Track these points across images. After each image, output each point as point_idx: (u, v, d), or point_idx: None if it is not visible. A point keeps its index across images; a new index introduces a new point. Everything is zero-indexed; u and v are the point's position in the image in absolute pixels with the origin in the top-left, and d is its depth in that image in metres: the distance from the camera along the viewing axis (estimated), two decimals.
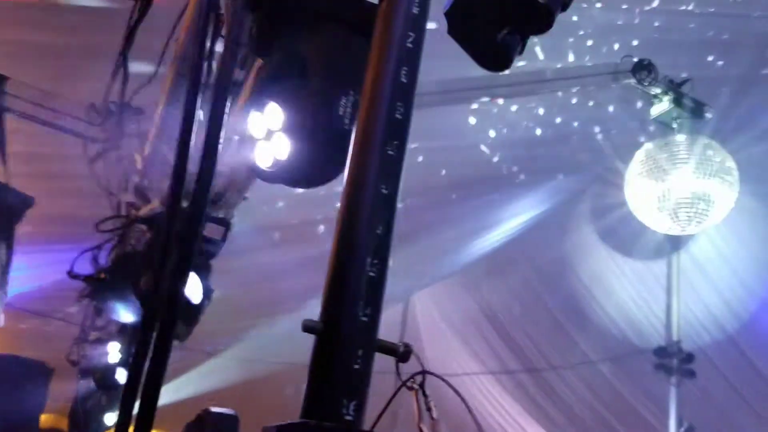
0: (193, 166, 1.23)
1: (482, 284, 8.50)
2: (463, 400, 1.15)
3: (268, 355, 7.83)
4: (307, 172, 1.32)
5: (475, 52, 1.45)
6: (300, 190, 4.34)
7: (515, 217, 6.88)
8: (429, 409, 0.93)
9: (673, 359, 5.69)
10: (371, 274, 0.79)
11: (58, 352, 4.51)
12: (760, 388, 6.72)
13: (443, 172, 4.76)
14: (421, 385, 0.93)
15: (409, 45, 0.89)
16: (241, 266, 5.50)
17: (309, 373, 0.73)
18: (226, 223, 2.54)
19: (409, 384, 0.93)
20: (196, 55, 1.19)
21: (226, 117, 1.13)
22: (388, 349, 0.88)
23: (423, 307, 9.54)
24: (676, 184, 3.71)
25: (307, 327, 0.75)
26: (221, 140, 1.13)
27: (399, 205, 3.90)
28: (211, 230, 2.40)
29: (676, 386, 5.61)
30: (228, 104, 2.38)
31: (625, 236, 6.87)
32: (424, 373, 0.92)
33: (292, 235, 4.95)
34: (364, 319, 0.77)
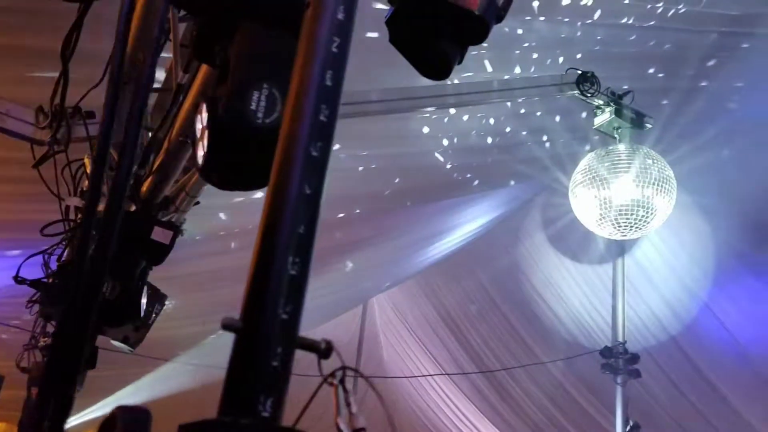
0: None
1: (439, 288, 8.64)
2: (379, 397, 1.22)
3: (224, 361, 7.79)
4: (224, 170, 1.36)
5: (416, 61, 1.52)
6: (259, 195, 4.37)
7: (469, 223, 7.03)
8: (348, 405, 0.99)
9: (619, 359, 5.89)
10: (292, 272, 0.84)
11: (11, 359, 4.43)
12: (701, 386, 7.01)
13: (397, 179, 4.84)
14: (342, 381, 0.99)
15: (335, 50, 0.94)
16: (197, 271, 5.48)
17: (227, 371, 0.77)
18: (175, 228, 2.55)
19: (329, 380, 0.99)
20: (118, 57, 1.23)
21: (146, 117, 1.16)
22: (310, 346, 0.93)
23: (381, 310, 9.64)
24: (616, 192, 3.87)
25: (227, 325, 0.80)
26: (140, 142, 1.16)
27: (356, 210, 3.96)
28: (158, 234, 2.41)
29: (622, 385, 5.81)
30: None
31: (574, 242, 7.10)
32: (344, 368, 0.98)
33: (248, 242, 4.95)
34: (285, 316, 0.82)
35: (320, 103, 0.91)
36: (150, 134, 2.71)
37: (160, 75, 2.75)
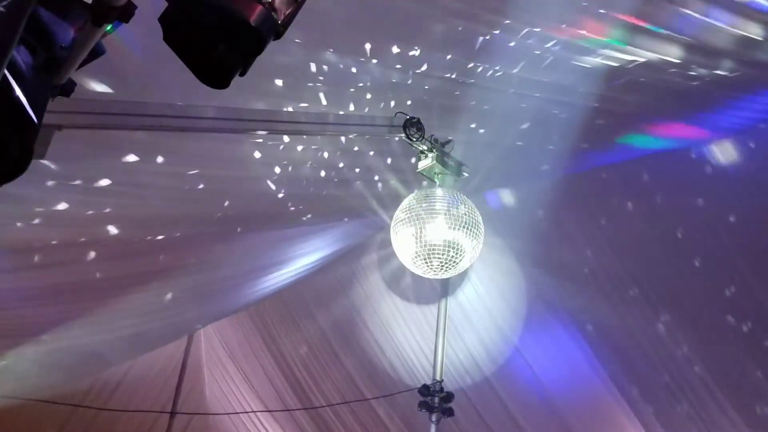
0: None
1: (270, 321, 8.48)
2: None
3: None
4: None
5: (193, 65, 1.49)
6: (61, 207, 4.03)
7: (304, 257, 7.01)
8: None
9: (435, 398, 6.11)
10: None
11: None
12: (509, 427, 7.46)
13: (227, 203, 4.72)
14: None
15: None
16: None
17: None
18: None
19: None
20: None
21: None
22: None
23: (208, 343, 9.23)
24: (431, 232, 4.08)
25: None
26: None
27: (177, 234, 3.73)
28: None
29: (436, 423, 6.01)
30: None
31: (404, 281, 7.36)
32: None
33: (51, 259, 4.53)
34: None
35: None
36: None
37: None
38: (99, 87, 3.08)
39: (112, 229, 4.54)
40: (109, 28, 2.03)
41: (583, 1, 3.53)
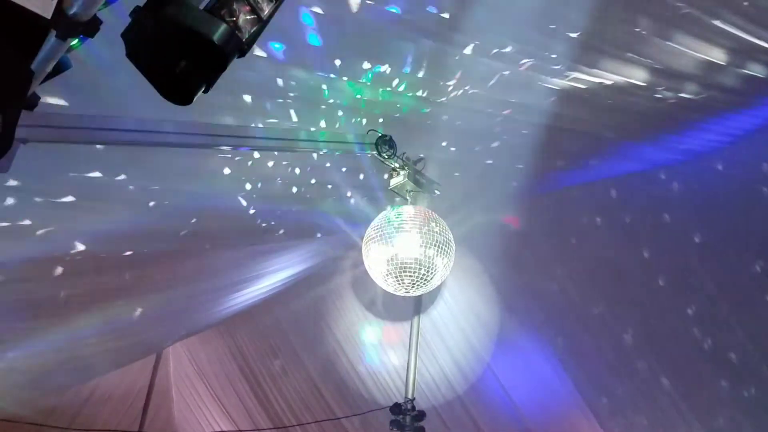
0: None
1: (241, 338, 8.37)
2: None
3: None
4: None
5: (155, 81, 1.48)
6: (25, 223, 3.95)
7: (276, 273, 6.95)
8: None
9: (407, 416, 6.07)
10: None
11: None
12: None
13: (194, 219, 4.66)
14: None
15: None
16: None
17: None
18: None
19: None
20: None
21: None
22: None
23: (177, 361, 9.06)
24: (402, 250, 4.08)
25: None
26: None
27: (144, 250, 3.67)
28: None
29: None
30: None
31: (378, 299, 7.34)
32: None
33: (14, 275, 4.42)
34: None
35: None
36: None
37: None
38: (64, 101, 3.04)
39: (78, 245, 4.45)
40: (74, 42, 2.00)
41: (550, 25, 3.60)
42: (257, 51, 3.33)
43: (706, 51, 3.99)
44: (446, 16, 3.49)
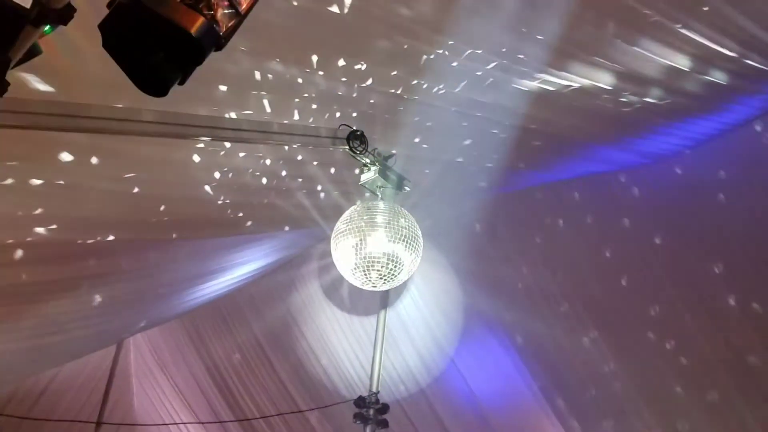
0: None
1: (205, 331, 8.31)
2: None
3: None
4: None
5: (131, 72, 1.48)
6: None
7: (242, 266, 6.91)
8: None
9: (370, 409, 6.12)
10: None
11: None
12: None
13: (162, 207, 4.61)
14: None
15: None
16: None
17: None
18: None
19: None
20: None
21: None
22: None
23: (138, 352, 8.95)
24: (371, 244, 4.12)
25: None
26: None
27: (110, 237, 3.63)
28: None
29: None
30: None
31: (345, 293, 7.37)
32: None
33: None
34: None
35: None
36: None
37: None
38: (37, 87, 2.99)
39: (42, 231, 4.37)
40: (47, 29, 1.98)
41: (522, 28, 3.67)
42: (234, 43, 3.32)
43: (671, 57, 4.12)
44: (422, 16, 3.54)
